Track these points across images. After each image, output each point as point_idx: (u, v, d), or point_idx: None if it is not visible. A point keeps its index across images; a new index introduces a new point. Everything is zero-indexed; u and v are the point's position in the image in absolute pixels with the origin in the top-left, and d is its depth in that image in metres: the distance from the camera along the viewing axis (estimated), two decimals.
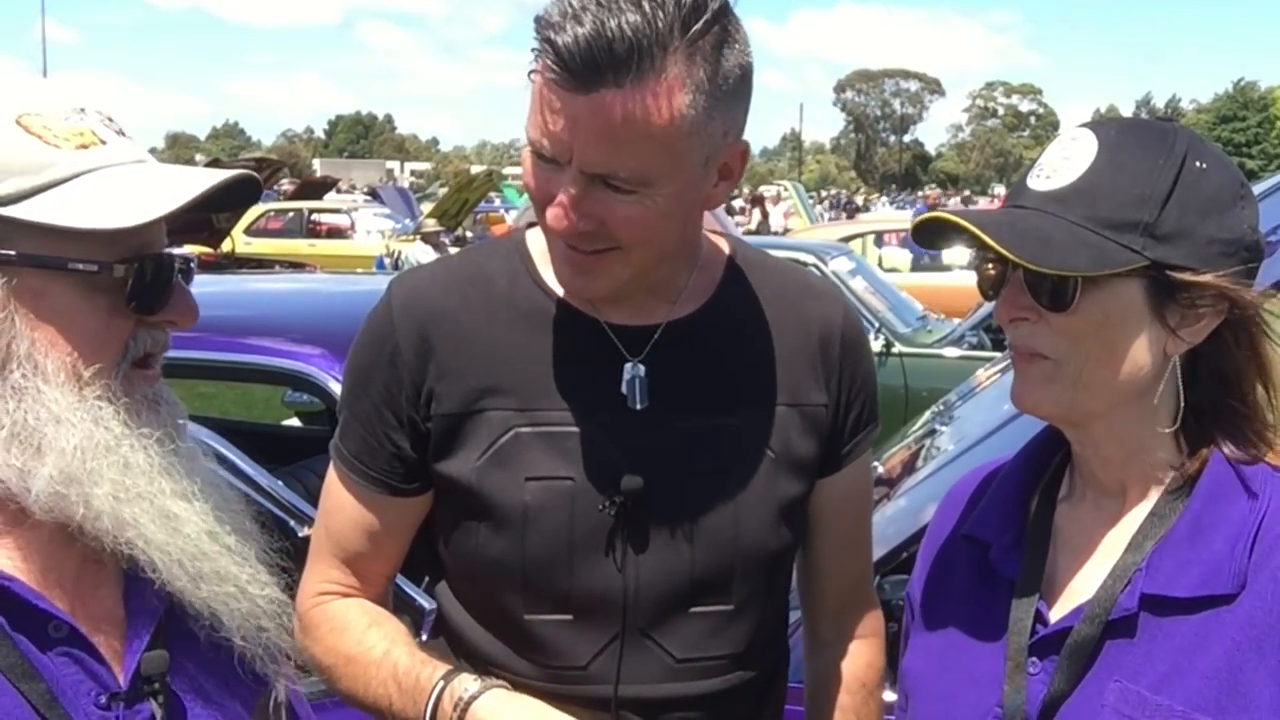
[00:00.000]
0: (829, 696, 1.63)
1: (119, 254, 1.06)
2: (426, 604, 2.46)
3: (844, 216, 25.38)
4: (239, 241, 16.61)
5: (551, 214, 1.31)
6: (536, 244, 1.52)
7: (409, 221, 21.05)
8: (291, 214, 21.35)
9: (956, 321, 8.65)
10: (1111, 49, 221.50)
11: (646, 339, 1.46)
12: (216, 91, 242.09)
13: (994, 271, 1.23)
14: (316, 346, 3.15)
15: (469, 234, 19.53)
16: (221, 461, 2.95)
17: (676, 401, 1.45)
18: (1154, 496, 1.22)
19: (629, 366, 1.45)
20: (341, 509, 1.52)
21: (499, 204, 28.06)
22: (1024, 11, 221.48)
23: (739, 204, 28.47)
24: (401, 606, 2.28)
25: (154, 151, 1.24)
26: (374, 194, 28.50)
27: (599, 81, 1.23)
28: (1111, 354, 1.16)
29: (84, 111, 1.08)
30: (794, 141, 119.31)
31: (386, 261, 16.04)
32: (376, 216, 22.87)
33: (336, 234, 21.50)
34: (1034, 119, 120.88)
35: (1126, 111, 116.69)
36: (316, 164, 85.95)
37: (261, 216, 20.00)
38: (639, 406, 1.44)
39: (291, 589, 1.31)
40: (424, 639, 1.62)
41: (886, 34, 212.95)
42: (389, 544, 1.54)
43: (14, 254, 1.02)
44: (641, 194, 1.30)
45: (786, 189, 27.82)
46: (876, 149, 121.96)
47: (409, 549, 1.58)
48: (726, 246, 1.57)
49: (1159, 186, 1.14)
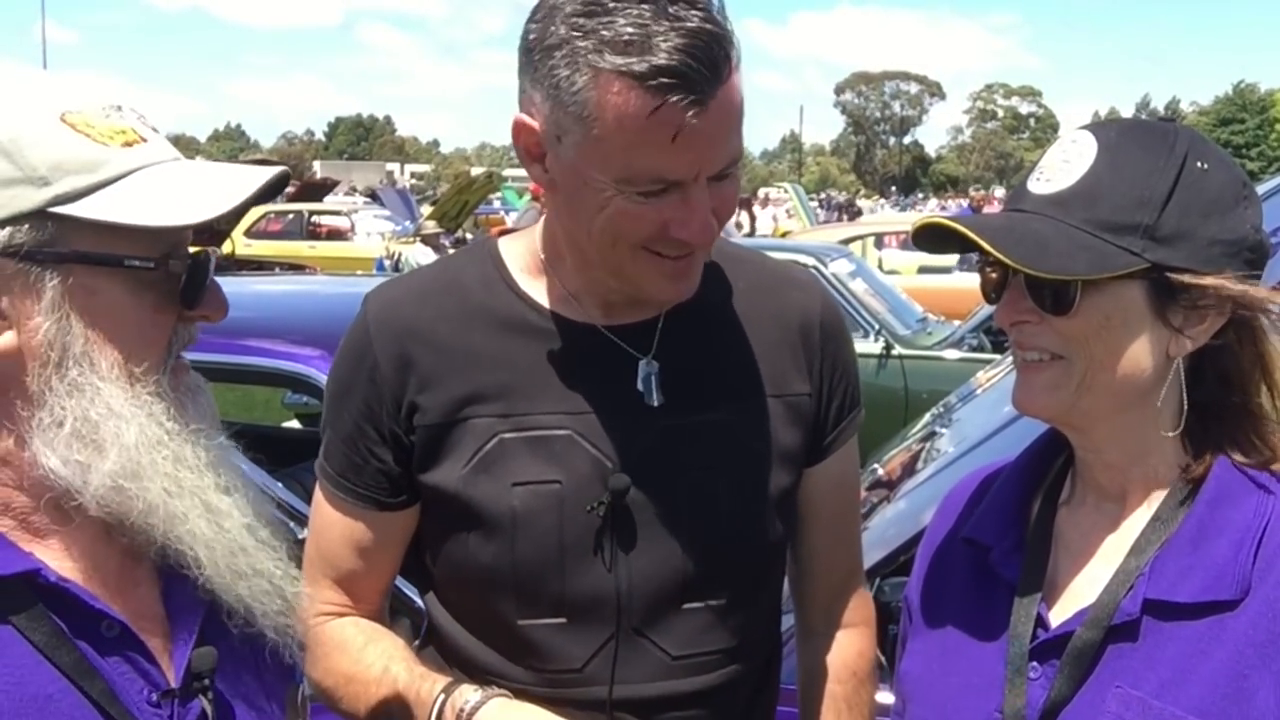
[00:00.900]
0: (820, 686, 1.63)
1: (160, 250, 1.06)
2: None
3: (838, 218, 25.24)
4: (239, 243, 16.63)
5: (694, 231, 1.30)
6: (510, 251, 1.51)
7: (409, 223, 21.04)
8: (291, 216, 21.33)
9: (956, 324, 8.64)
10: (1111, 51, 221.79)
11: (643, 336, 1.46)
12: (216, 93, 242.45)
13: (995, 275, 1.23)
14: (316, 348, 3.15)
15: (469, 236, 19.52)
16: None
17: (676, 397, 1.45)
18: (1157, 501, 1.21)
19: (643, 364, 1.45)
20: (331, 527, 1.52)
21: (499, 206, 28.07)
22: (1023, 13, 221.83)
23: None
24: (401, 609, 2.28)
25: None
26: (374, 196, 28.47)
27: (717, 84, 1.23)
28: (1114, 356, 1.16)
29: (120, 109, 1.08)
30: (794, 143, 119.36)
31: (386, 263, 16.02)
32: (376, 218, 22.87)
33: (336, 236, 21.50)
34: (1034, 121, 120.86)
35: (1127, 113, 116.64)
36: (316, 166, 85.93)
37: (261, 218, 19.99)
38: (656, 403, 1.44)
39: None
40: (417, 645, 1.62)
41: (886, 36, 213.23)
42: (380, 559, 1.53)
43: (69, 252, 1.01)
44: (734, 172, 1.33)
45: (786, 191, 27.84)
46: (876, 151, 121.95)
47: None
48: None
49: (1159, 188, 1.14)
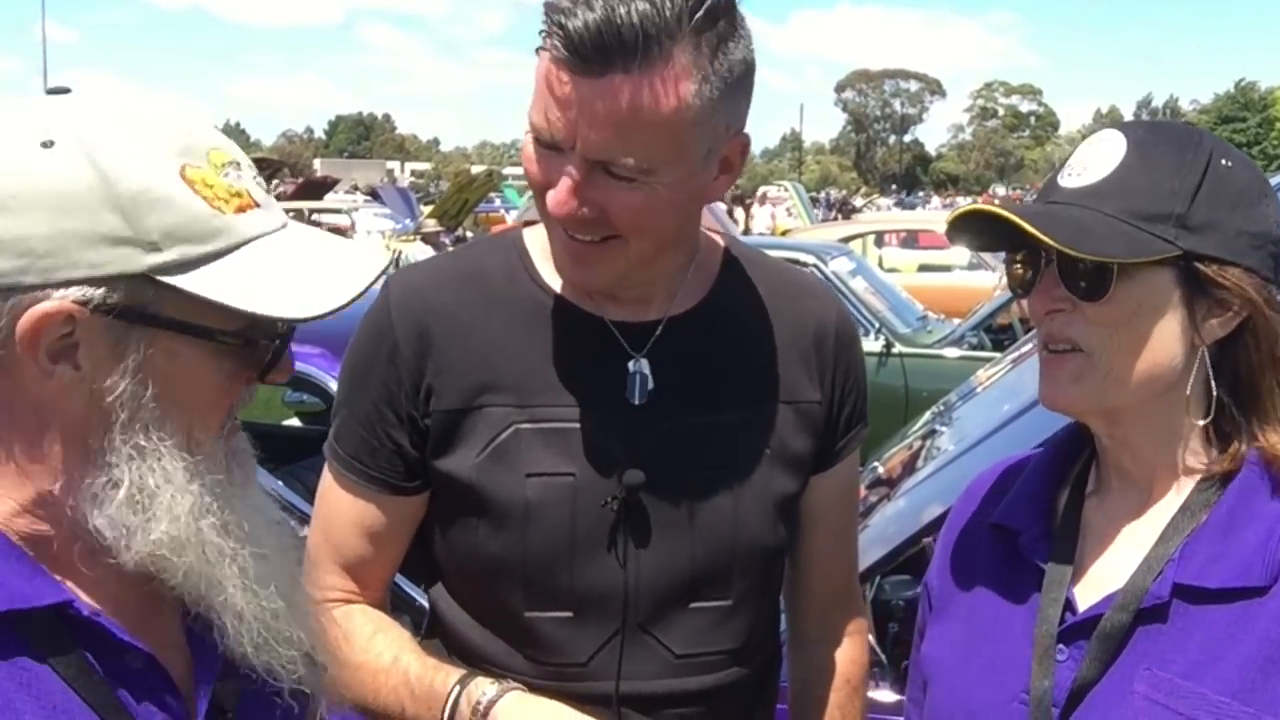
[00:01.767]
0: (813, 694, 1.64)
1: (250, 323, 1.02)
2: (427, 604, 2.46)
3: (834, 216, 25.20)
4: None
5: (552, 199, 1.31)
6: (534, 241, 1.52)
7: (409, 221, 21.05)
8: (292, 214, 21.04)
9: (957, 322, 8.65)
10: (1111, 50, 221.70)
11: (647, 334, 1.46)
12: (217, 92, 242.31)
13: (1023, 270, 1.25)
14: (316, 346, 3.15)
15: (469, 234, 19.51)
16: None
17: (676, 397, 1.45)
18: (1185, 489, 1.23)
19: (632, 362, 1.45)
20: (340, 512, 1.51)
21: (499, 204, 28.07)
22: (1023, 12, 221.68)
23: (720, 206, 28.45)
24: (401, 606, 2.28)
25: None
26: (374, 194, 28.47)
27: (607, 66, 1.23)
28: (1142, 344, 1.18)
29: (239, 166, 1.04)
30: (794, 142, 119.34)
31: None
32: (377, 217, 22.87)
33: (337, 234, 21.38)
34: (1034, 119, 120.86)
35: (1127, 112, 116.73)
36: (317, 164, 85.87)
37: None
38: (637, 402, 1.44)
39: None
40: (420, 637, 1.62)
41: (886, 34, 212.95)
42: (389, 545, 1.53)
43: (163, 318, 0.97)
44: (642, 182, 1.30)
45: (786, 189, 27.85)
46: (877, 149, 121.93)
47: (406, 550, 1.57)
48: (722, 243, 1.58)
49: (1188, 180, 1.18)
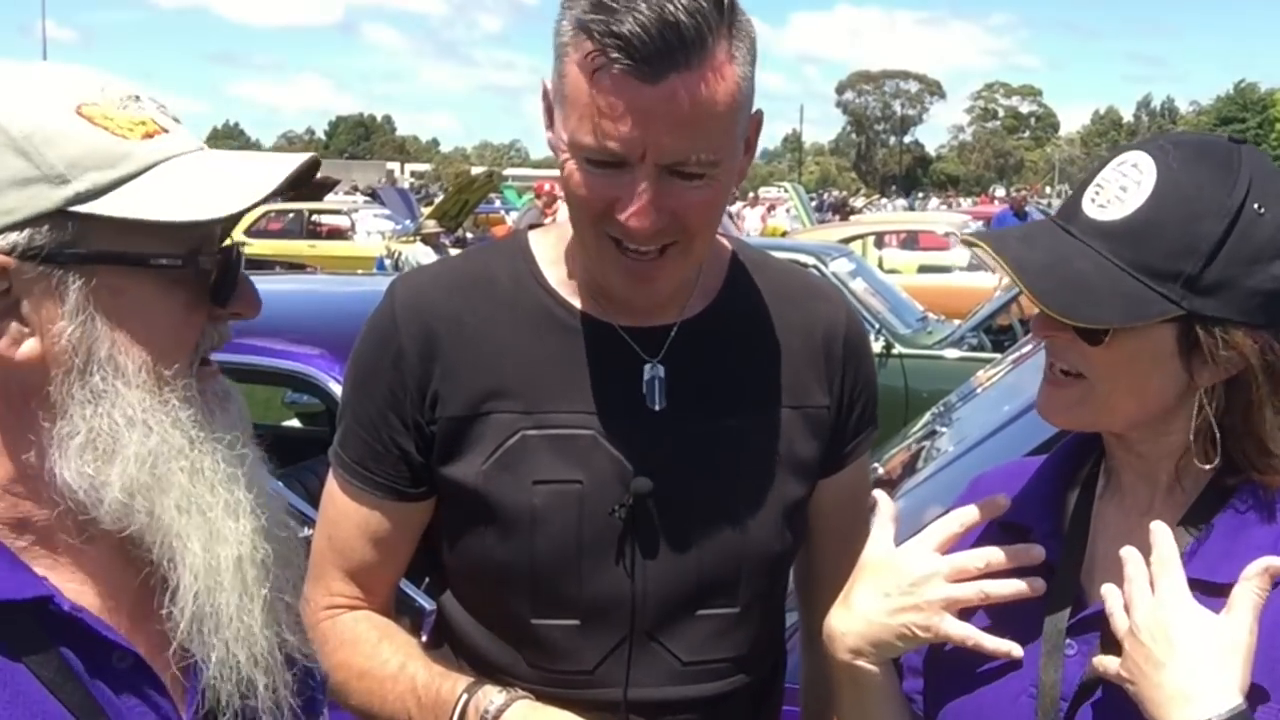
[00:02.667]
0: (826, 690, 1.63)
1: (189, 247, 1.00)
2: (426, 604, 2.46)
3: (831, 216, 25.17)
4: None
5: (633, 217, 1.28)
6: (541, 246, 1.51)
7: (409, 222, 21.04)
8: (292, 215, 21.33)
9: (957, 323, 8.65)
10: (1111, 51, 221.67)
11: (658, 339, 1.45)
12: (217, 92, 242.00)
13: None
14: (317, 347, 3.15)
15: (469, 235, 19.52)
16: None
17: (687, 403, 1.44)
18: (1197, 490, 1.23)
19: (648, 367, 1.44)
20: (345, 517, 1.50)
21: (499, 205, 28.07)
22: (1022, 13, 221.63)
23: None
24: (401, 608, 2.27)
25: None
26: (374, 195, 28.47)
27: (671, 67, 1.22)
28: (1139, 384, 1.19)
29: (139, 99, 1.02)
30: (794, 143, 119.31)
31: (387, 263, 16.02)
32: (377, 217, 22.86)
33: (337, 235, 21.49)
34: (1034, 120, 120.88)
35: (1126, 113, 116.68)
36: None
37: (261, 217, 19.96)
38: (658, 407, 1.43)
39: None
40: (423, 639, 1.62)
41: (885, 35, 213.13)
42: (394, 551, 1.52)
43: (92, 252, 0.95)
44: (710, 177, 1.30)
45: (787, 190, 27.87)
46: (877, 150, 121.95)
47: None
48: (728, 245, 1.57)
49: (1211, 234, 1.13)
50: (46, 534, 0.99)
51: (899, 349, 7.93)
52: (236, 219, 1.01)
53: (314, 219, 21.72)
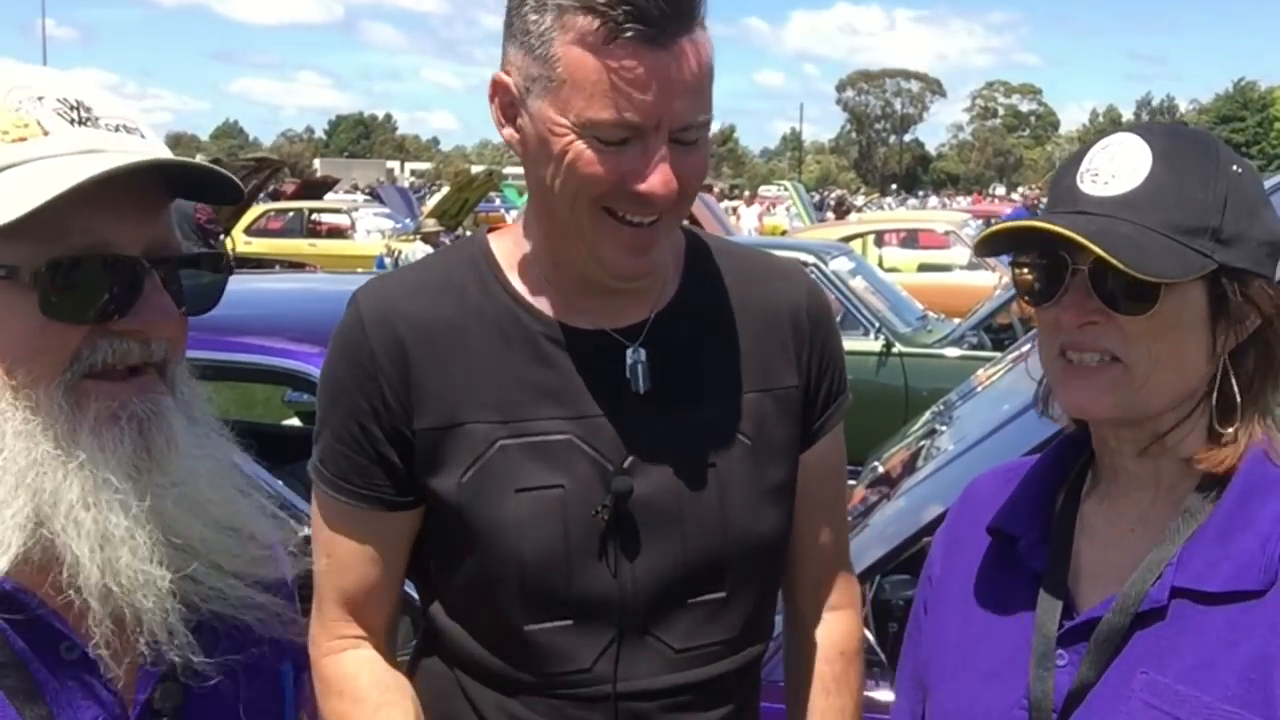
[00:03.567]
0: (809, 665, 1.63)
1: (55, 254, 0.97)
2: None
3: (828, 216, 25.16)
4: (239, 241, 16.63)
5: (652, 186, 1.29)
6: (501, 250, 1.49)
7: (409, 221, 21.05)
8: (292, 214, 21.35)
9: (957, 321, 8.65)
10: (1111, 50, 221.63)
11: (633, 336, 1.45)
12: (217, 90, 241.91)
13: (1033, 277, 1.22)
14: (317, 346, 3.15)
15: (469, 233, 19.49)
16: None
17: (667, 390, 1.45)
18: (1184, 491, 1.23)
19: (630, 351, 1.43)
20: (338, 536, 1.47)
21: (499, 203, 28.06)
22: (1022, 11, 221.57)
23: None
24: (403, 609, 2.27)
25: None
26: (374, 194, 28.48)
27: (680, 28, 1.25)
28: (1177, 355, 1.18)
29: (41, 100, 0.99)
30: (794, 141, 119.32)
31: (387, 261, 16.03)
32: (377, 216, 22.88)
33: (337, 234, 21.50)
34: (1034, 119, 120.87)
35: (1126, 112, 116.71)
36: (317, 164, 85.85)
37: (262, 216, 20.01)
38: (643, 390, 1.43)
39: (299, 591, 1.29)
40: (415, 644, 1.62)
41: (885, 33, 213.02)
42: (390, 564, 1.50)
43: None
44: (702, 139, 1.32)
45: (787, 189, 27.86)
46: (877, 149, 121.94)
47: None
48: (681, 233, 1.55)
49: (1218, 192, 1.17)
50: None
51: (899, 347, 7.91)
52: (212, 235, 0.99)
53: (314, 218, 21.72)
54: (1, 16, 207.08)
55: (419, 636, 1.62)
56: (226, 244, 13.98)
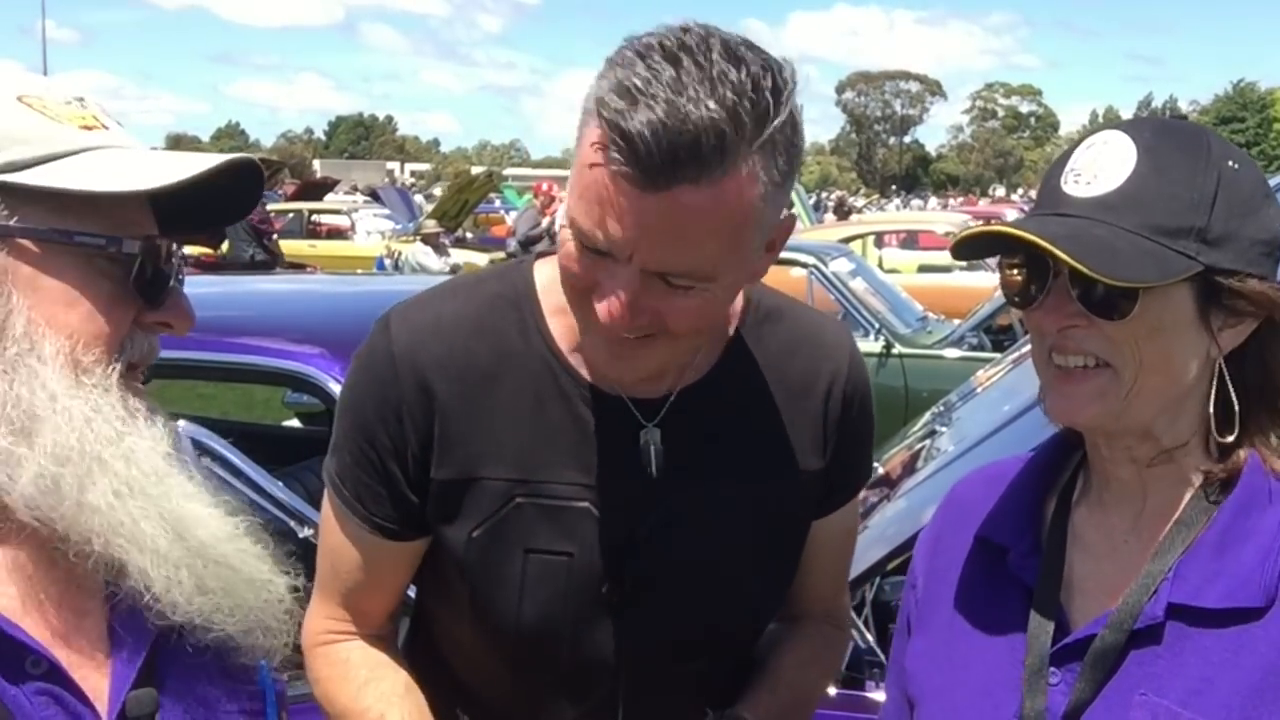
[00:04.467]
0: (774, 656, 1.59)
1: (113, 230, 1.00)
2: None
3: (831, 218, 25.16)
4: None
5: (603, 309, 1.20)
6: (546, 286, 1.42)
7: (409, 222, 21.04)
8: (292, 215, 21.35)
9: (956, 323, 8.65)
10: (1111, 51, 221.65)
11: (658, 407, 1.42)
12: (217, 92, 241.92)
13: (1020, 278, 1.18)
14: (316, 347, 3.15)
15: (469, 235, 19.53)
16: (222, 463, 2.91)
17: (681, 470, 1.41)
18: (1180, 502, 1.18)
19: (644, 432, 1.40)
20: (345, 547, 1.47)
21: (499, 204, 28.06)
22: (1022, 12, 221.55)
23: None
24: (403, 608, 2.27)
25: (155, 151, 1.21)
26: (374, 195, 28.48)
27: (675, 179, 1.11)
28: (1165, 359, 1.13)
29: (84, 101, 1.05)
30: None
31: (386, 262, 16.03)
32: (376, 217, 22.87)
33: (337, 235, 21.51)
34: (1034, 120, 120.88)
35: (1127, 113, 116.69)
36: (317, 165, 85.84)
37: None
38: (655, 474, 1.39)
39: (297, 591, 1.29)
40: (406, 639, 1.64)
41: (884, 35, 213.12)
42: (394, 580, 1.51)
43: (15, 224, 0.96)
44: (701, 289, 1.21)
45: None
46: (877, 150, 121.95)
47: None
48: (742, 297, 1.48)
49: (1205, 190, 1.12)
50: None
51: (899, 349, 7.92)
52: (183, 229, 1.02)
53: (314, 219, 21.73)
54: (1, 18, 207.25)
55: (407, 631, 1.64)
56: (224, 245, 14.00)
